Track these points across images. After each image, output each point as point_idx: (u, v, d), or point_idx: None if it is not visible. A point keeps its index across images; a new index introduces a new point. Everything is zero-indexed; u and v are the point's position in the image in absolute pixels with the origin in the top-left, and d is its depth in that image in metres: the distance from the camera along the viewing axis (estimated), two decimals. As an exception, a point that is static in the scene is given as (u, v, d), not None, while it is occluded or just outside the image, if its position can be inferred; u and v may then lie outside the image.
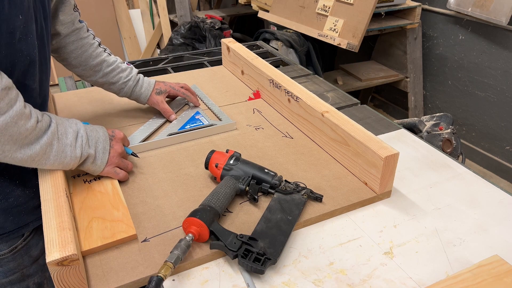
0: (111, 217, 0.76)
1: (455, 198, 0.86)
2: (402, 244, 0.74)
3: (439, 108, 2.88)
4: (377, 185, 0.84)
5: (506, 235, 0.76)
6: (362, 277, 0.68)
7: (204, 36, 3.00)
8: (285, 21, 2.51)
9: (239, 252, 0.67)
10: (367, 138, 0.86)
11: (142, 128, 1.07)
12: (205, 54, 1.81)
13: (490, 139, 2.61)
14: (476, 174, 0.94)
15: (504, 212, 0.82)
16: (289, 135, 1.06)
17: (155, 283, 0.60)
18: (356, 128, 0.89)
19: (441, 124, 1.90)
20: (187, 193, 0.85)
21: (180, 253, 0.65)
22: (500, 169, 2.60)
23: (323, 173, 0.91)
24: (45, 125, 0.72)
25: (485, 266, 0.66)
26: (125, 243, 0.72)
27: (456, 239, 0.76)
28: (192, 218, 0.70)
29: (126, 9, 3.92)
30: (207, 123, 1.08)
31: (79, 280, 0.63)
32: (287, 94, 1.09)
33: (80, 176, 0.86)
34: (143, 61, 1.69)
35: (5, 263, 0.82)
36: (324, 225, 0.79)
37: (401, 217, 0.81)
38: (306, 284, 0.67)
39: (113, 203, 0.79)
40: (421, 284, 0.66)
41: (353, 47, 2.15)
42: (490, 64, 2.46)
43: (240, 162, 0.85)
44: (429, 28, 2.75)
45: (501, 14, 2.22)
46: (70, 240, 0.62)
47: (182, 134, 1.03)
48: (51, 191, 0.73)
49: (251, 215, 0.79)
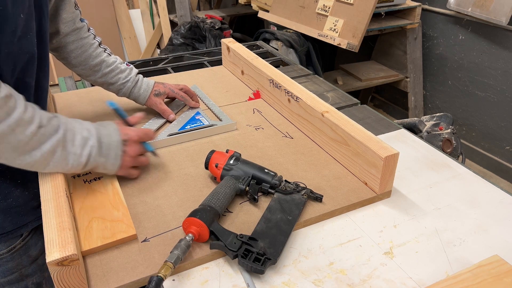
0: (111, 217, 0.76)
1: (455, 198, 0.86)
2: (402, 244, 0.74)
3: (439, 108, 2.88)
4: (377, 185, 0.84)
5: (506, 235, 0.76)
6: (362, 277, 0.68)
7: (204, 36, 3.00)
8: (285, 21, 2.51)
9: (239, 252, 0.67)
10: (367, 138, 0.86)
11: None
12: (205, 54, 1.81)
13: (490, 139, 2.61)
14: (476, 174, 0.94)
15: (504, 212, 0.82)
16: (289, 135, 1.06)
17: (155, 283, 0.60)
18: (356, 128, 0.89)
19: (441, 124, 1.90)
20: (187, 193, 0.85)
21: (180, 253, 0.65)
22: (500, 169, 2.60)
23: (323, 173, 0.91)
24: (51, 131, 0.70)
25: (485, 266, 0.66)
26: (125, 243, 0.72)
27: (456, 239, 0.76)
28: (192, 218, 0.70)
29: (126, 9, 3.92)
30: (207, 123, 1.08)
31: (79, 280, 0.63)
32: (287, 94, 1.09)
33: (80, 176, 0.86)
34: (143, 61, 1.69)
35: (3, 263, 0.82)
36: (324, 225, 0.79)
37: (401, 217, 0.81)
38: (306, 284, 0.67)
39: (113, 203, 0.79)
40: (421, 284, 0.66)
41: (353, 47, 2.15)
42: (490, 64, 2.46)
43: (240, 162, 0.85)
44: (429, 28, 2.75)
45: (501, 14, 2.22)
46: (70, 240, 0.62)
47: (182, 135, 1.03)
48: (51, 191, 0.73)
49: (251, 215, 0.79)
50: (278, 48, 2.33)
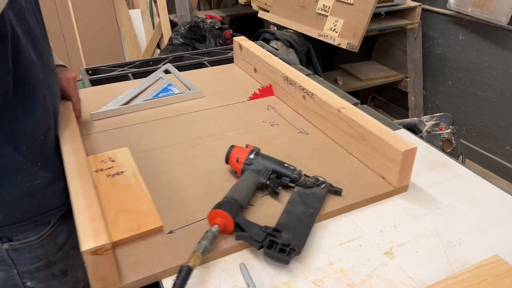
0: (136, 209, 0.77)
1: (455, 198, 0.86)
2: (402, 244, 0.74)
3: (439, 108, 2.88)
4: (395, 179, 0.85)
5: (506, 235, 0.77)
6: (362, 277, 0.68)
7: (204, 36, 3.00)
8: (285, 21, 2.51)
9: (264, 243, 0.69)
10: (385, 133, 0.87)
11: (121, 97, 1.22)
12: (205, 54, 1.81)
13: (490, 139, 2.61)
14: (476, 174, 0.94)
15: (504, 212, 0.82)
16: (305, 131, 1.07)
17: (185, 272, 0.61)
18: (373, 123, 0.91)
19: (441, 124, 1.90)
20: (209, 187, 0.86)
21: (207, 244, 0.67)
22: (500, 169, 2.60)
23: (340, 168, 0.92)
24: None
25: (485, 266, 0.66)
26: (151, 235, 0.74)
27: (456, 239, 0.76)
28: (217, 210, 0.72)
29: (126, 9, 3.92)
30: (178, 92, 1.25)
31: (111, 269, 0.64)
32: (302, 91, 1.10)
33: (103, 170, 0.87)
34: (143, 61, 1.69)
35: (33, 249, 0.83)
36: (324, 225, 0.79)
37: (401, 217, 0.81)
38: (306, 284, 0.67)
39: (137, 196, 0.80)
40: (421, 284, 0.66)
41: (353, 47, 2.15)
42: (490, 64, 2.46)
43: (260, 156, 0.87)
44: (429, 28, 2.75)
45: (501, 14, 2.22)
46: (103, 230, 0.64)
47: (155, 100, 1.20)
48: (79, 183, 0.75)
49: (272, 208, 0.81)
50: (278, 48, 2.33)
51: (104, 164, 0.89)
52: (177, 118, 1.14)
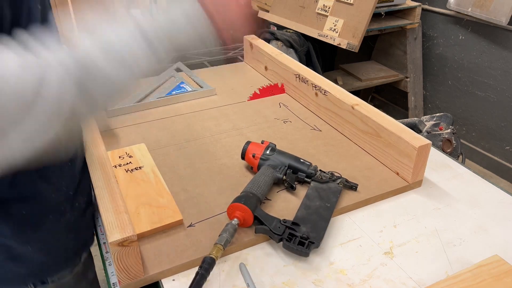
0: (156, 203, 0.78)
1: (455, 198, 0.86)
2: (402, 244, 0.74)
3: (439, 108, 2.88)
4: (410, 175, 0.86)
5: (506, 235, 0.76)
6: (362, 277, 0.68)
7: (204, 36, 2.99)
8: (285, 21, 2.51)
9: (284, 236, 0.70)
10: (400, 129, 0.88)
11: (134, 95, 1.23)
12: (205, 54, 1.81)
13: (490, 139, 2.61)
14: (476, 174, 0.94)
15: (504, 212, 0.82)
16: (317, 128, 1.08)
17: (208, 263, 0.63)
18: (387, 120, 0.92)
19: (441, 124, 1.91)
20: (226, 182, 0.87)
21: (228, 236, 0.68)
22: (500, 169, 2.60)
23: (354, 164, 0.93)
24: None
25: (485, 266, 0.66)
26: (172, 228, 0.75)
27: (456, 239, 0.76)
28: (237, 203, 0.73)
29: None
30: (190, 89, 1.26)
31: (136, 261, 0.65)
32: (315, 88, 1.11)
33: (121, 166, 0.88)
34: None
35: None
36: (324, 225, 0.79)
37: (401, 217, 0.81)
38: (306, 284, 0.67)
39: (157, 191, 0.81)
40: (421, 284, 0.66)
41: (353, 47, 2.15)
42: (490, 64, 2.46)
43: (276, 152, 0.88)
44: (429, 28, 2.75)
45: (501, 14, 2.22)
46: (128, 223, 0.65)
47: (169, 97, 1.21)
48: (102, 177, 0.76)
49: (289, 202, 0.82)
50: (278, 48, 2.33)
51: (122, 159, 0.90)
52: (191, 115, 1.15)
